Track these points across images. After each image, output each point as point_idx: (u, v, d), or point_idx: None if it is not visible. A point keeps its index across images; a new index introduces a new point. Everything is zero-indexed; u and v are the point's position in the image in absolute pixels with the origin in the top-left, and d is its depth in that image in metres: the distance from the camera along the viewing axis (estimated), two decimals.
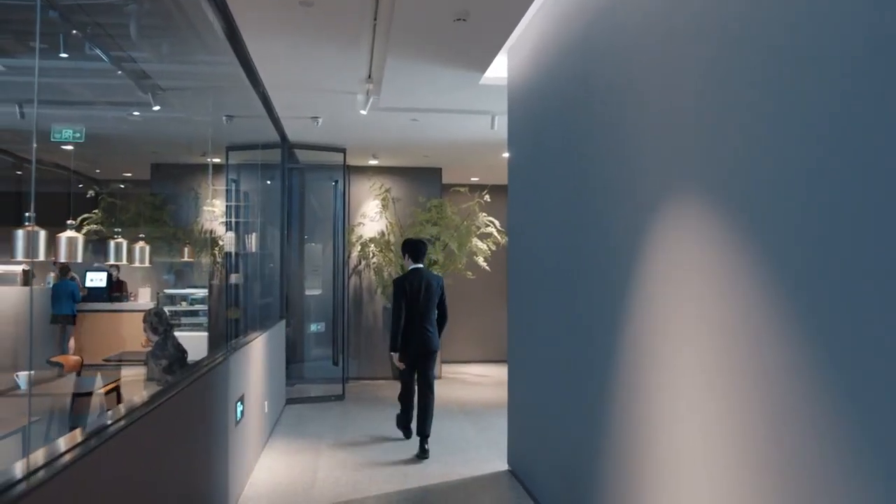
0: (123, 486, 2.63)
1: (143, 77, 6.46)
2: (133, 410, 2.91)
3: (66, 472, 2.05)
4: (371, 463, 5.77)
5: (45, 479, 1.92)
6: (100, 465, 2.34)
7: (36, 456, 2.08)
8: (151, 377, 5.56)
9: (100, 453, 2.32)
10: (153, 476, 3.04)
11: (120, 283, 11.98)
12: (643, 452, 3.05)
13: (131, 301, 11.42)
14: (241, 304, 9.27)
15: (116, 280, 11.95)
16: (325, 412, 7.84)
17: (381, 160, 9.90)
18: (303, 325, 9.78)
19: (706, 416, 2.50)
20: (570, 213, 4.16)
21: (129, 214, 9.67)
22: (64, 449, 2.19)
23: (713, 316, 2.47)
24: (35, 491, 1.85)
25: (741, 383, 2.28)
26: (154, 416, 3.04)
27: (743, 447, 2.26)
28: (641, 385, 3.08)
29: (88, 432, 2.44)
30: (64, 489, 2.05)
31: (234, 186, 9.21)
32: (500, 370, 10.97)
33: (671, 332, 2.80)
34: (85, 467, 2.19)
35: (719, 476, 2.40)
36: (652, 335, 2.98)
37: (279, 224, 8.66)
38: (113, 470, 2.50)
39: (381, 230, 10.06)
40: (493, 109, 6.76)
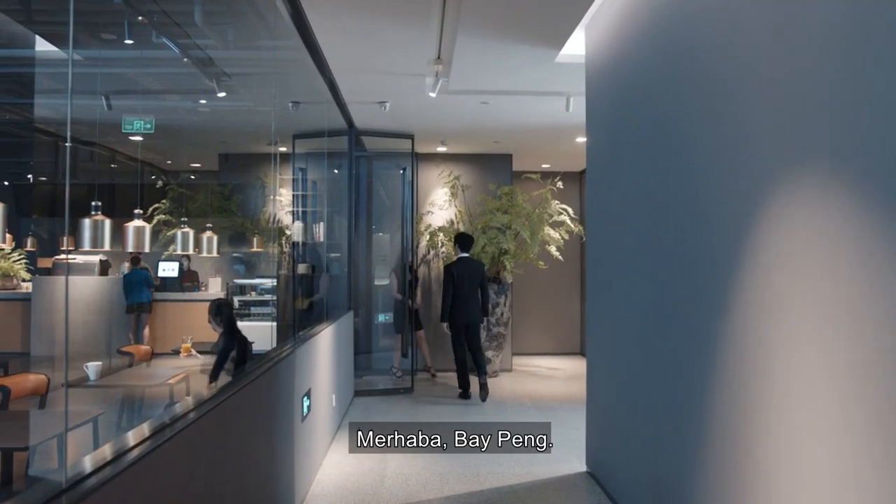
0: (186, 482, 2.53)
1: (208, 64, 6.36)
2: (200, 405, 2.82)
3: (132, 469, 2.02)
4: (442, 461, 5.54)
5: (112, 476, 1.91)
6: (164, 460, 2.29)
7: (103, 451, 2.06)
8: (204, 370, 5.50)
9: (164, 449, 2.28)
10: (216, 473, 2.90)
11: (191, 273, 12.10)
12: (752, 465, 2.70)
13: (202, 291, 11.51)
14: (309, 294, 9.19)
15: (188, 270, 12.08)
16: (394, 406, 7.66)
17: (450, 147, 9.63)
18: (371, 315, 9.63)
19: (839, 430, 2.14)
20: (661, 198, 3.80)
21: (197, 204, 9.69)
22: (130, 443, 2.19)
23: (844, 311, 2.11)
24: (101, 489, 1.83)
25: (888, 393, 1.91)
26: (219, 412, 2.92)
27: (890, 475, 1.90)
28: (750, 389, 2.72)
29: (154, 427, 2.40)
30: (130, 485, 2.02)
31: (301, 175, 9.10)
32: (572, 363, 10.62)
33: (790, 328, 2.44)
34: (149, 464, 2.15)
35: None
36: (765, 332, 2.62)
37: (346, 213, 8.51)
38: (176, 466, 2.43)
39: (449, 219, 9.81)
40: (568, 90, 6.40)
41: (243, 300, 11.19)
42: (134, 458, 2.07)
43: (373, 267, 9.68)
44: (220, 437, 2.99)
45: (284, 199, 9.78)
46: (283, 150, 9.23)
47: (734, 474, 2.85)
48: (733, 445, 2.86)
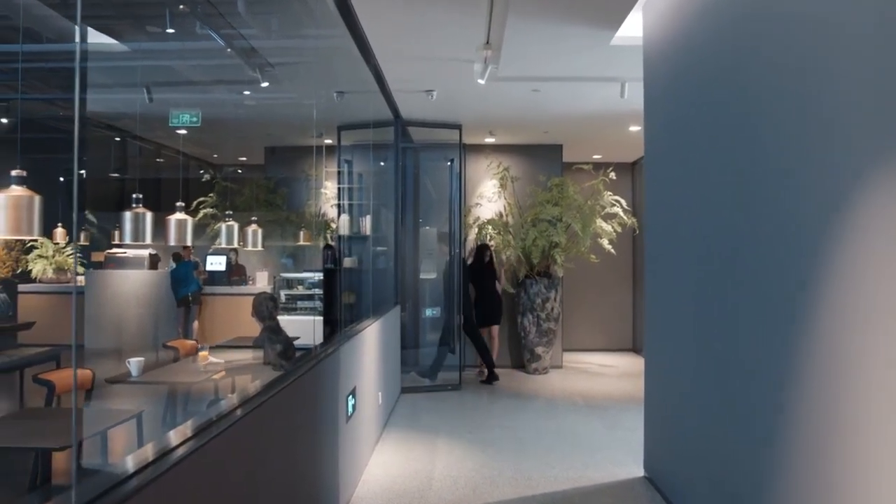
0: (226, 483, 2.43)
1: (252, 55, 6.24)
2: (243, 403, 2.73)
3: (172, 471, 1.96)
4: (491, 463, 5.32)
5: (155, 476, 1.86)
6: (205, 460, 2.21)
7: (145, 450, 2.01)
8: (267, 361, 5.40)
9: (206, 449, 2.20)
10: (258, 474, 2.76)
11: (239, 266, 12.12)
12: (840, 481, 2.42)
13: (249, 285, 11.51)
14: (355, 288, 9.07)
15: (235, 264, 12.10)
16: (441, 403, 7.47)
17: (498, 137, 9.38)
18: (418, 310, 9.46)
19: None
20: (730, 191, 3.51)
21: (243, 198, 9.65)
22: (172, 442, 2.13)
23: None
24: (144, 489, 1.79)
25: None
26: (262, 411, 2.80)
27: None
28: (839, 404, 2.44)
29: (196, 426, 2.33)
30: (171, 486, 1.96)
31: (347, 168, 8.97)
32: (624, 360, 10.30)
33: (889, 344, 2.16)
34: (190, 464, 2.08)
35: None
36: (858, 334, 2.34)
37: (393, 206, 8.34)
38: (217, 466, 2.34)
39: (498, 211, 9.57)
40: (623, 75, 6.10)
41: (290, 294, 11.15)
42: (176, 458, 2.01)
43: (420, 261, 9.51)
44: (263, 437, 2.87)
45: (330, 192, 9.67)
46: (328, 143, 9.12)
47: (818, 487, 2.57)
48: (819, 458, 2.58)
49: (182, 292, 10.05)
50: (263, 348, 5.52)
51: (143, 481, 1.81)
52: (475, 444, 5.83)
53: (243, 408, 2.68)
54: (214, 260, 11.77)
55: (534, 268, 9.19)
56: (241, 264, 12.17)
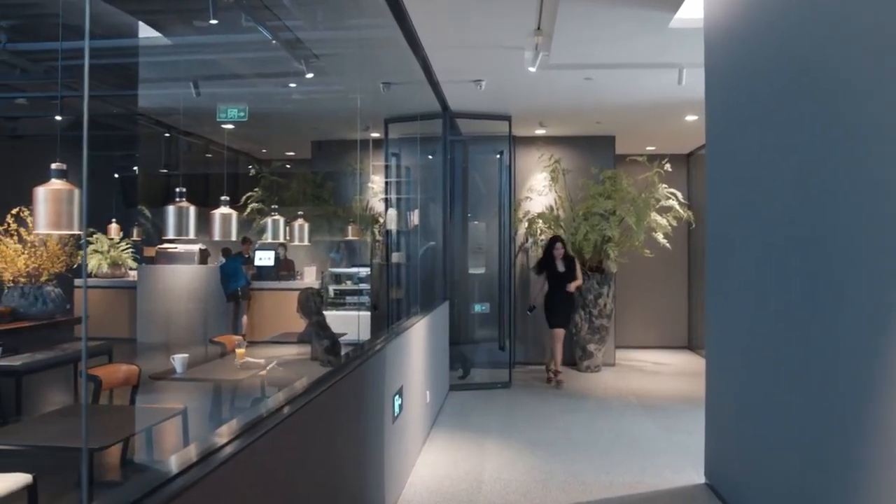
0: (269, 483, 2.33)
1: (297, 46, 6.14)
2: (288, 402, 2.63)
3: (219, 469, 1.90)
4: (543, 465, 5.12)
5: (200, 478, 1.79)
6: (249, 459, 2.13)
7: (189, 451, 1.95)
8: (315, 357, 5.32)
9: (251, 449, 2.13)
10: (301, 475, 2.65)
11: (287, 261, 12.13)
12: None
13: (298, 280, 11.50)
14: (403, 283, 8.95)
15: (284, 259, 12.12)
16: (491, 401, 7.29)
17: (549, 129, 9.14)
18: (467, 305, 9.30)
19: None
20: (806, 178, 3.24)
21: (290, 192, 9.61)
22: (215, 441, 2.06)
23: None
24: (188, 490, 1.74)
25: None
26: (307, 410, 2.71)
27: None
28: None
29: (240, 425, 2.26)
30: (216, 484, 1.90)
31: (395, 161, 8.85)
32: (679, 358, 9.97)
33: None
34: (234, 464, 2.01)
35: None
36: None
37: (441, 200, 8.18)
38: (260, 466, 2.24)
39: (549, 205, 9.32)
40: (681, 61, 5.82)
41: (338, 289, 11.12)
42: (220, 458, 1.95)
43: (468, 255, 9.33)
44: (306, 438, 2.75)
45: (377, 186, 9.57)
46: (375, 136, 9.01)
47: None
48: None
49: (231, 287, 10.07)
50: (311, 344, 5.45)
51: (187, 482, 1.75)
52: (526, 446, 5.64)
53: (285, 408, 2.57)
54: (263, 255, 11.81)
55: (585, 263, 8.94)
56: (289, 259, 12.19)
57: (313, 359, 5.45)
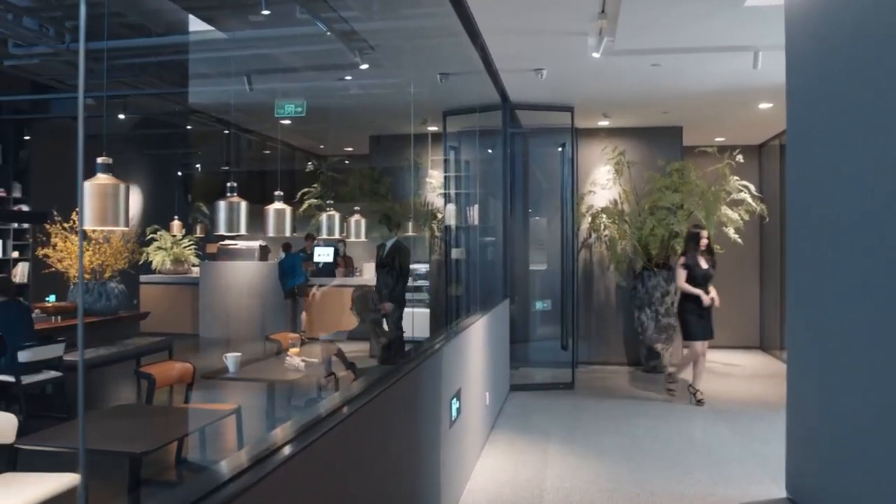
0: (319, 491, 2.20)
1: (352, 38, 5.99)
2: (342, 405, 2.51)
3: (272, 476, 1.81)
4: (609, 474, 4.84)
5: (252, 484, 1.72)
6: (300, 465, 2.01)
7: (240, 455, 1.88)
8: (373, 354, 5.19)
9: (302, 456, 2.02)
10: (352, 483, 2.50)
11: (346, 258, 12.10)
12: None
13: (357, 276, 11.44)
14: (463, 280, 8.76)
15: (343, 255, 12.08)
16: (553, 402, 7.03)
17: (613, 120, 8.79)
18: (528, 302, 9.05)
19: None
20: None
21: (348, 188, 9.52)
22: (268, 445, 1.97)
23: None
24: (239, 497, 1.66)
25: None
26: (361, 415, 2.58)
27: None
28: None
29: (293, 429, 2.16)
30: (268, 490, 1.81)
31: (454, 155, 8.64)
32: (751, 359, 9.51)
33: None
34: (285, 470, 1.91)
35: None
36: None
37: (501, 194, 7.94)
38: (309, 474, 2.12)
39: (613, 199, 8.97)
40: (756, 43, 5.44)
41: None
42: (274, 462, 1.87)
43: (529, 251, 9.08)
44: (360, 442, 2.61)
45: (436, 181, 9.39)
46: (433, 130, 8.82)
47: None
48: None
49: (289, 284, 10.05)
50: (369, 341, 5.32)
51: (238, 488, 1.68)
52: (590, 451, 5.36)
53: (340, 411, 2.44)
54: (322, 251, 11.80)
55: (652, 259, 8.57)
56: (348, 256, 12.15)
57: (371, 356, 5.33)
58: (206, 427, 4.69)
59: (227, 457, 1.84)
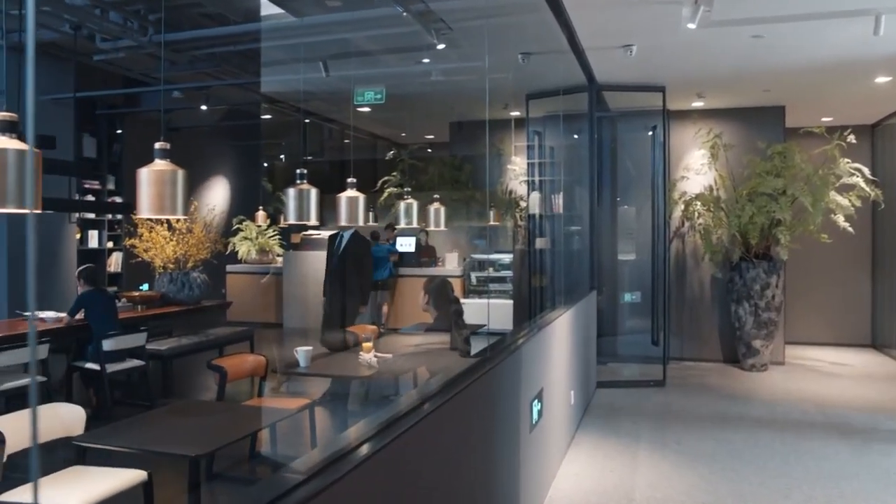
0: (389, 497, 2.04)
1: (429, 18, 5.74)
2: (417, 407, 2.33)
3: (346, 478, 1.71)
4: (705, 484, 4.44)
5: (326, 486, 1.62)
6: (369, 468, 1.87)
7: (312, 455, 1.79)
8: (454, 346, 4.99)
9: (373, 460, 1.88)
10: (422, 490, 2.33)
11: (429, 247, 11.89)
12: None
13: (439, 266, 11.24)
14: (547, 271, 8.41)
15: (425, 245, 11.89)
16: (643, 401, 6.61)
17: (708, 100, 8.22)
18: (616, 294, 8.62)
19: None
20: None
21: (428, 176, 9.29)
22: (341, 445, 1.87)
23: None
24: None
25: None
26: (436, 417, 2.38)
27: None
28: None
29: (368, 427, 2.04)
30: (341, 491, 1.70)
31: (537, 141, 8.29)
32: (863, 358, 8.78)
33: None
34: (363, 471, 1.81)
35: None
36: None
37: (587, 182, 7.54)
38: (375, 483, 1.95)
39: (708, 185, 8.41)
40: (878, 5, 4.86)
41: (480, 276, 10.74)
42: (349, 463, 1.77)
43: (617, 240, 8.64)
44: (433, 445, 2.41)
45: (518, 168, 9.06)
46: (515, 115, 8.49)
47: None
48: None
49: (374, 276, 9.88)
50: (450, 333, 5.11)
51: (309, 492, 1.58)
52: (684, 458, 4.95)
53: (411, 413, 2.25)
54: (404, 241, 11.64)
55: (751, 249, 7.98)
56: (430, 245, 11.95)
57: (452, 348, 5.11)
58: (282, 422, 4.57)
59: (300, 454, 1.82)
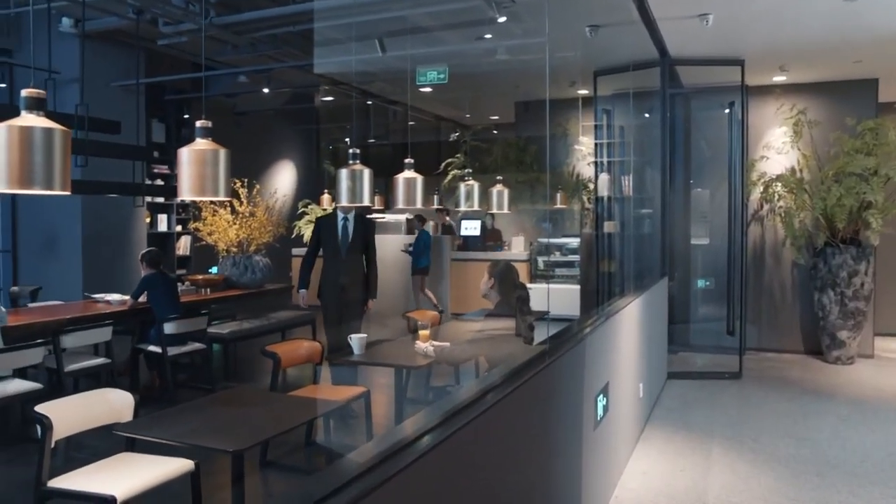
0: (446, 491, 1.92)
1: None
2: (486, 392, 2.21)
3: (403, 473, 1.62)
4: (787, 489, 4.09)
5: (383, 481, 1.55)
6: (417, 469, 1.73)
7: (367, 448, 1.71)
8: (519, 333, 4.79)
9: (424, 461, 1.75)
10: (481, 486, 2.17)
11: (495, 231, 11.66)
12: None
13: (505, 251, 11.00)
14: (616, 256, 8.08)
15: (491, 228, 11.66)
16: (717, 395, 6.24)
17: (791, 74, 7.68)
18: (689, 280, 8.21)
19: None
20: None
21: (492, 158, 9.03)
22: (399, 437, 1.80)
23: None
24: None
25: None
26: (498, 409, 2.22)
27: None
28: None
29: (431, 418, 1.94)
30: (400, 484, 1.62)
31: (606, 120, 7.93)
32: None
33: None
34: (424, 464, 1.72)
35: None
36: None
37: (659, 163, 7.15)
38: (429, 479, 1.82)
39: (790, 165, 7.88)
40: None
41: (547, 261, 10.47)
42: (409, 456, 1.68)
43: (691, 225, 8.21)
44: (493, 441, 2.26)
45: (586, 149, 8.70)
46: (583, 93, 8.15)
47: None
48: None
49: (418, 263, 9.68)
50: (515, 319, 4.93)
51: (363, 488, 1.51)
52: (763, 459, 4.60)
53: (470, 407, 2.10)
54: (469, 224, 11.44)
55: (837, 233, 7.45)
56: (496, 229, 11.70)
57: (517, 335, 4.91)
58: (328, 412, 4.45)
59: (356, 443, 1.57)
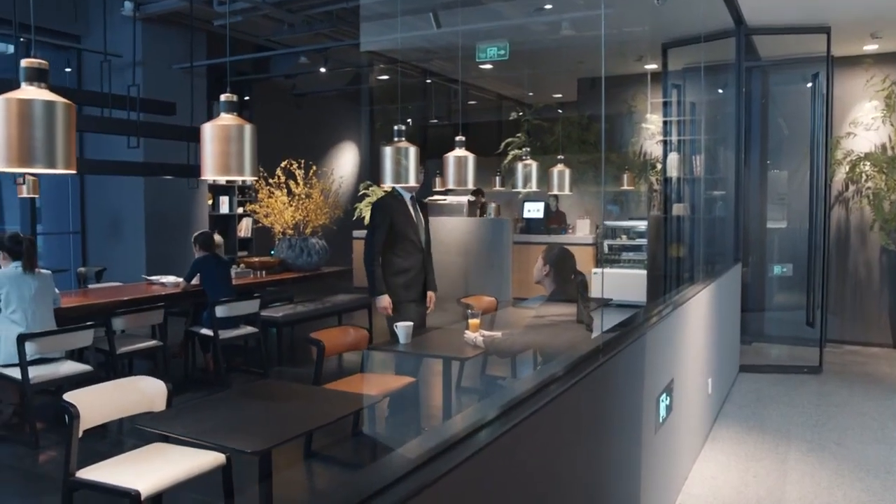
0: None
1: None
2: (539, 390, 2.03)
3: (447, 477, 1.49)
4: (877, 501, 3.69)
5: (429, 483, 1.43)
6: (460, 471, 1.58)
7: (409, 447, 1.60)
8: (580, 320, 4.52)
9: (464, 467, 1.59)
10: (532, 491, 1.96)
11: (559, 214, 11.28)
12: None
13: (569, 234, 10.62)
14: (686, 240, 7.64)
15: (555, 211, 11.28)
16: (794, 391, 5.80)
17: (884, 42, 7.03)
18: (764, 266, 7.70)
19: None
20: None
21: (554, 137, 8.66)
22: (449, 433, 1.67)
23: None
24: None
25: None
26: (557, 404, 2.05)
27: None
28: None
29: (482, 416, 1.79)
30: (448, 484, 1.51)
31: (675, 96, 7.46)
32: None
33: None
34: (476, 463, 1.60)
35: None
36: None
37: (734, 141, 6.67)
38: (495, 468, 1.72)
39: (881, 142, 7.26)
40: None
41: (612, 244, 10.08)
42: (454, 458, 1.55)
43: (767, 207, 7.68)
44: (546, 442, 2.06)
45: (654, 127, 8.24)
46: (651, 68, 7.69)
47: None
48: None
49: None
50: (577, 306, 4.68)
51: (408, 489, 1.39)
52: (847, 465, 4.18)
53: (521, 405, 1.92)
54: (531, 206, 11.10)
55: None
56: (560, 211, 11.32)
57: (578, 321, 4.67)
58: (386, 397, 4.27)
59: (404, 436, 1.51)
